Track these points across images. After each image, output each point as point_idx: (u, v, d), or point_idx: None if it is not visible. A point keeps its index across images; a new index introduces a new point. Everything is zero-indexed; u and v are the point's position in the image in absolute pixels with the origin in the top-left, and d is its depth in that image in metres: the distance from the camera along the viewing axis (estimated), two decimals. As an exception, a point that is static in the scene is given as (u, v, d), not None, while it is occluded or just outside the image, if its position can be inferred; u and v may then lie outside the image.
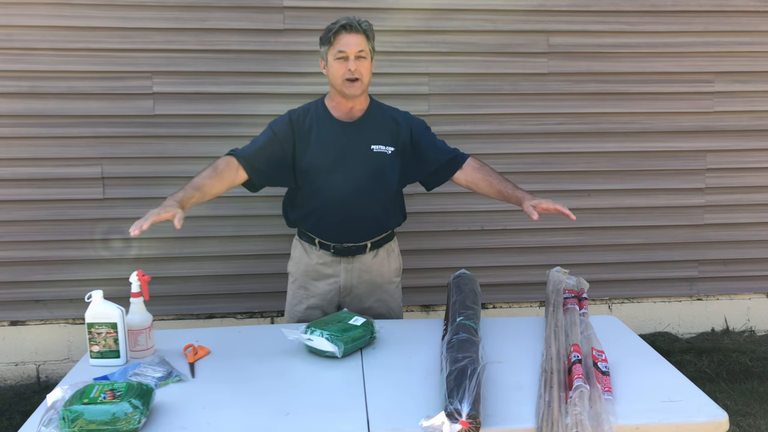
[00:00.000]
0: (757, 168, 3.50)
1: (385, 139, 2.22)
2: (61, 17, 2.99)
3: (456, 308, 1.95)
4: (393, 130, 2.25)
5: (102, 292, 1.80)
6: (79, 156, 3.09)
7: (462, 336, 1.71)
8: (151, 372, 1.70)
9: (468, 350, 1.62)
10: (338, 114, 2.22)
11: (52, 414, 1.45)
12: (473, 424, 1.36)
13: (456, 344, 1.68)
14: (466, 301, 1.99)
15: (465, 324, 1.81)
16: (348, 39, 2.09)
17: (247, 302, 3.31)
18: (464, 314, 1.88)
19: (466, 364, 1.53)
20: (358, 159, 2.19)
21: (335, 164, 2.18)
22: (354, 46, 2.10)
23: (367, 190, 2.20)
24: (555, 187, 3.39)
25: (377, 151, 2.20)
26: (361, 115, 2.23)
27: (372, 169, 2.20)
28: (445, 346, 1.73)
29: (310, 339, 1.82)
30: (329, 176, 2.18)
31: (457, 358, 1.58)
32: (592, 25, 3.29)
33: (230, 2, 3.07)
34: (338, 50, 2.10)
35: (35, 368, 3.26)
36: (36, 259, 3.15)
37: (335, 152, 2.18)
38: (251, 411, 1.53)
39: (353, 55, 2.10)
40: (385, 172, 2.23)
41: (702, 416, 1.50)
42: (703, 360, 3.33)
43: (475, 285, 2.16)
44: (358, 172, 2.19)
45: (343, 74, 2.11)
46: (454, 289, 2.11)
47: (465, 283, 2.15)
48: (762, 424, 2.75)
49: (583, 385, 1.53)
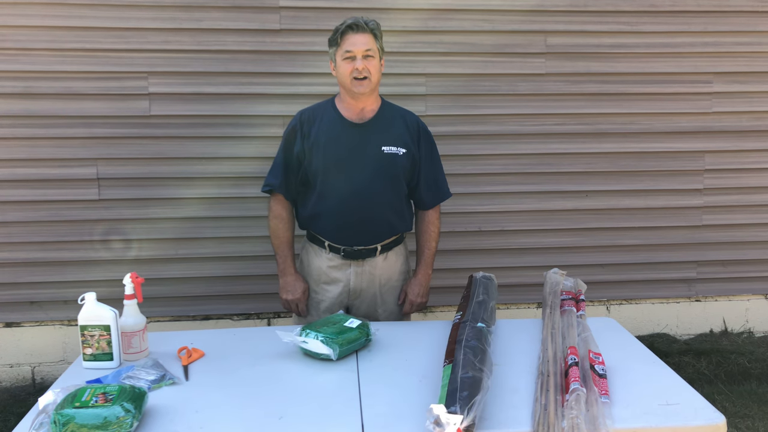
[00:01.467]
0: (755, 169, 3.49)
1: (396, 141, 2.21)
2: (57, 17, 2.98)
3: (481, 311, 1.93)
4: (405, 131, 2.25)
5: (95, 294, 1.79)
6: (74, 157, 3.08)
7: (482, 346, 1.69)
8: (144, 375, 1.69)
9: (484, 363, 1.61)
10: (348, 115, 2.21)
11: (43, 418, 1.43)
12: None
13: (474, 348, 1.65)
14: (489, 309, 1.99)
15: (485, 333, 1.79)
16: (355, 39, 2.09)
17: (243, 304, 3.30)
18: (487, 323, 1.87)
19: (482, 377, 1.52)
20: (369, 160, 2.18)
21: (345, 165, 2.17)
22: (361, 45, 2.09)
23: (378, 192, 2.20)
24: (553, 188, 3.38)
25: (388, 152, 2.19)
26: (373, 116, 2.22)
27: (383, 170, 2.19)
28: (463, 342, 1.69)
29: (305, 341, 1.81)
30: (339, 177, 2.18)
31: (474, 364, 1.56)
32: (590, 25, 3.28)
33: (226, 2, 3.05)
34: (345, 50, 2.10)
35: (30, 370, 3.24)
36: (31, 260, 3.13)
37: (345, 153, 2.17)
38: (244, 414, 1.52)
39: (360, 54, 2.09)
40: (396, 174, 2.22)
41: (699, 420, 1.49)
42: (701, 361, 3.32)
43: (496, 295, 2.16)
44: (368, 173, 2.18)
45: (350, 73, 2.11)
46: (483, 290, 2.09)
47: (492, 290, 2.14)
48: (760, 425, 2.74)
49: (579, 388, 1.52)
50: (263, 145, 3.12)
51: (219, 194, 3.18)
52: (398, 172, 2.22)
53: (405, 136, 2.23)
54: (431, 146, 2.34)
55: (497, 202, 3.37)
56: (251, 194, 3.16)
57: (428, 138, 2.33)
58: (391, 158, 2.19)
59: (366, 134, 2.19)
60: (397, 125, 2.24)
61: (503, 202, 3.37)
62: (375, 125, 2.21)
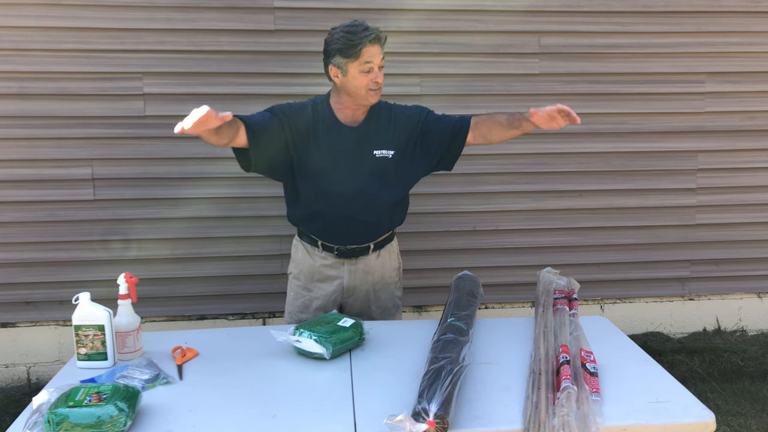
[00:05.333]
0: (748, 168, 3.51)
1: (386, 143, 2.21)
2: (52, 18, 2.98)
3: (450, 309, 1.95)
4: (393, 132, 2.24)
5: (89, 294, 1.79)
6: (69, 157, 3.08)
7: (448, 336, 1.71)
8: (138, 374, 1.70)
9: (450, 351, 1.62)
10: (342, 117, 2.20)
11: (37, 417, 1.44)
12: (440, 425, 1.35)
13: (440, 345, 1.68)
14: (461, 302, 1.99)
15: (454, 324, 1.80)
16: (374, 50, 2.07)
17: (238, 303, 3.30)
18: (456, 315, 1.88)
19: (444, 364, 1.53)
20: (362, 163, 2.18)
21: (340, 167, 2.17)
22: (378, 57, 2.08)
23: (371, 194, 2.20)
24: (547, 188, 3.40)
25: (380, 156, 2.20)
26: (363, 118, 2.22)
27: (375, 173, 2.20)
28: (431, 346, 1.72)
29: (299, 341, 1.82)
30: (334, 179, 2.18)
31: (437, 358, 1.58)
32: (583, 25, 3.30)
33: (221, 3, 3.06)
34: (365, 61, 2.06)
35: (26, 370, 3.24)
36: (26, 260, 3.13)
37: (340, 156, 2.18)
38: (238, 413, 1.53)
39: (378, 66, 2.09)
40: (388, 176, 2.23)
41: (689, 417, 1.50)
42: (694, 360, 3.34)
43: (475, 287, 2.16)
44: (362, 176, 2.18)
45: (367, 85, 2.09)
46: (454, 290, 2.11)
47: (465, 284, 2.15)
48: (753, 423, 2.76)
49: (570, 386, 1.53)
50: (258, 145, 3.12)
51: (214, 194, 3.18)
52: (389, 175, 2.23)
53: (395, 136, 2.23)
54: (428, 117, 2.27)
55: (491, 201, 3.38)
56: (248, 194, 3.18)
57: (421, 116, 2.27)
58: (382, 161, 2.20)
59: (359, 137, 2.20)
60: (385, 126, 2.23)
61: (497, 202, 3.39)
62: (367, 128, 2.21)
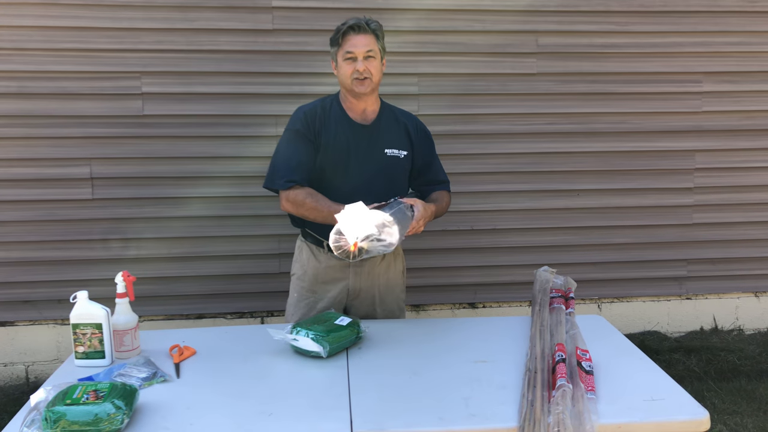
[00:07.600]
0: (745, 167, 3.52)
1: (398, 143, 2.23)
2: (50, 17, 2.99)
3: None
4: (405, 134, 2.26)
5: (87, 293, 1.80)
6: (67, 156, 3.09)
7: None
8: (135, 372, 1.70)
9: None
10: (353, 115, 2.21)
11: (35, 415, 1.44)
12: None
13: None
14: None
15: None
16: (356, 40, 2.09)
17: (236, 302, 3.31)
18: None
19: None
20: (372, 162, 2.19)
21: (350, 166, 2.18)
22: (362, 46, 2.09)
23: (380, 194, 2.19)
24: (544, 187, 3.41)
25: (391, 155, 2.21)
26: (375, 117, 2.23)
27: (385, 172, 2.21)
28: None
29: (296, 339, 1.82)
30: (344, 178, 2.18)
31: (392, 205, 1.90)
32: (581, 25, 3.30)
33: (219, 2, 3.07)
34: (346, 51, 2.10)
35: (24, 369, 3.25)
36: (24, 259, 3.14)
37: (351, 154, 2.18)
38: (235, 411, 1.53)
39: (361, 55, 2.10)
40: (397, 176, 2.24)
41: (683, 415, 1.51)
42: (691, 359, 3.35)
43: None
44: (371, 175, 2.19)
45: (351, 74, 2.11)
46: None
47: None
48: (749, 422, 2.76)
49: (566, 384, 1.54)
50: (256, 144, 3.13)
51: (212, 193, 3.19)
52: (399, 175, 2.24)
53: (405, 138, 2.25)
54: (431, 149, 2.35)
55: (489, 200, 3.39)
56: (246, 193, 3.18)
57: (428, 137, 2.35)
58: (393, 160, 2.21)
59: (370, 136, 2.20)
60: (398, 127, 2.25)
61: (495, 201, 3.40)
62: (378, 127, 2.22)
